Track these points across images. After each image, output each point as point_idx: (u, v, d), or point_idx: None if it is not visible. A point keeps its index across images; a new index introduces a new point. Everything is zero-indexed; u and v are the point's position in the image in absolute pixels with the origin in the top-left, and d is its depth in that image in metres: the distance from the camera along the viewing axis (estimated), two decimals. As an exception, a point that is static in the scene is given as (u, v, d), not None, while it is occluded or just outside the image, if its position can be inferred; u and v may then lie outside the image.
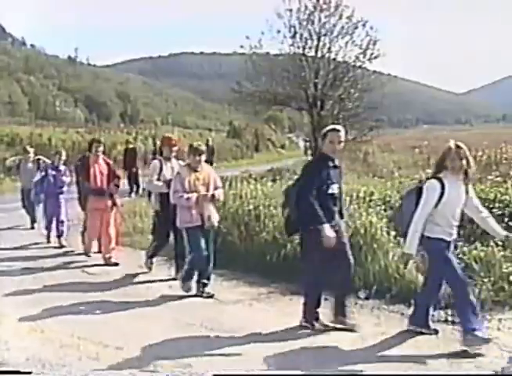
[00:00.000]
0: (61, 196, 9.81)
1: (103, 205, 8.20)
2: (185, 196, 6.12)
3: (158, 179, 7.10)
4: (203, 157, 6.34)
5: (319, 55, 21.12)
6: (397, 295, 5.96)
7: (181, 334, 5.18)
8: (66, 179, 9.86)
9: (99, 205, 8.20)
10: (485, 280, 5.79)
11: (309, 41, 21.00)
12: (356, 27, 20.86)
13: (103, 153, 8.50)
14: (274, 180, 12.28)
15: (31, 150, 11.82)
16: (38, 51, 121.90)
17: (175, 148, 7.35)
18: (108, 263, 8.03)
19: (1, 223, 11.79)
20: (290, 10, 20.78)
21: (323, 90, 21.02)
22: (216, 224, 6.54)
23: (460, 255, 6.27)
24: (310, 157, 24.11)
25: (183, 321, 5.54)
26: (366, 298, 6.05)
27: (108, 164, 8.42)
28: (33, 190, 10.01)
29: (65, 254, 9.01)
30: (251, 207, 8.03)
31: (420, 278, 5.98)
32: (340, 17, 20.79)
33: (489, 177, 9.39)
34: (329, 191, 5.12)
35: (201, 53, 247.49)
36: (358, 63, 21.42)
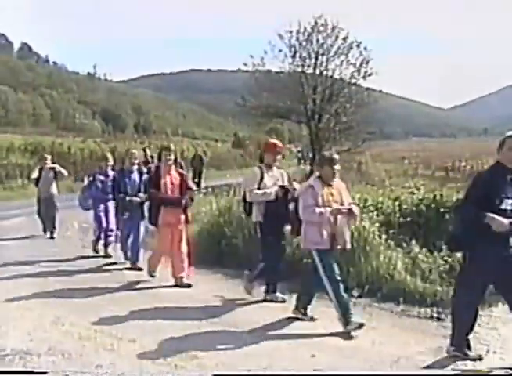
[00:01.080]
0: (109, 203, 8.71)
1: (176, 219, 6.80)
2: (318, 210, 4.99)
3: (258, 188, 5.89)
4: (338, 167, 5.23)
5: (317, 72, 21.33)
6: (387, 294, 5.97)
7: (189, 329, 5.19)
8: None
9: (171, 219, 6.77)
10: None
11: (308, 60, 21.23)
12: (351, 48, 21.11)
13: (175, 161, 7.12)
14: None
15: (49, 157, 10.92)
16: (60, 67, 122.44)
17: (279, 156, 6.14)
18: (180, 284, 6.75)
19: (23, 228, 11.82)
20: (291, 32, 21.04)
21: (321, 105, 21.20)
22: (348, 246, 5.35)
23: (445, 258, 6.30)
24: (308, 167, 24.21)
25: (192, 317, 5.55)
26: (359, 296, 6.05)
27: (181, 174, 7.03)
28: (80, 196, 8.97)
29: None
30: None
31: (408, 278, 6.03)
32: (337, 38, 21.03)
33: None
34: (502, 206, 4.14)
35: (208, 70, 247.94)
36: (353, 81, 21.66)
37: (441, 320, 5.30)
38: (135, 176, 7.88)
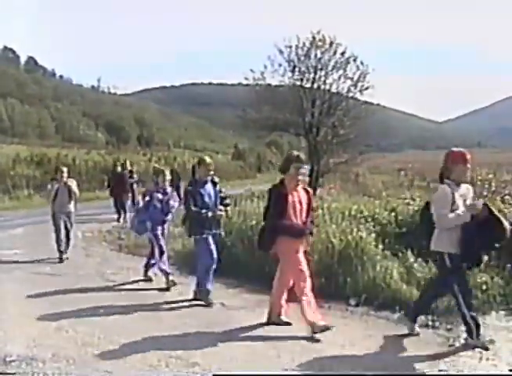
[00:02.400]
0: (166, 225, 7.66)
1: (303, 247, 5.50)
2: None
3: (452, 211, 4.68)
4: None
5: (316, 86, 21.39)
6: (383, 303, 5.98)
7: (190, 335, 5.20)
8: (175, 204, 7.41)
9: (299, 246, 5.39)
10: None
11: (307, 74, 21.30)
12: (348, 62, 21.19)
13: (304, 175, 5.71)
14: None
15: (65, 170, 9.46)
16: (66, 81, 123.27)
17: (469, 166, 4.95)
18: (316, 331, 5.06)
19: (29, 237, 11.79)
20: (290, 47, 21.13)
21: (319, 118, 21.26)
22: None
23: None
24: (307, 178, 24.24)
25: (192, 324, 5.55)
26: (356, 305, 6.06)
27: (307, 191, 5.56)
28: (135, 218, 7.57)
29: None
30: (254, 222, 8.03)
31: (404, 287, 6.03)
32: (334, 53, 21.12)
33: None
34: None
35: (210, 84, 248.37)
36: (350, 94, 21.70)
37: (436, 328, 5.31)
38: (210, 187, 6.57)
